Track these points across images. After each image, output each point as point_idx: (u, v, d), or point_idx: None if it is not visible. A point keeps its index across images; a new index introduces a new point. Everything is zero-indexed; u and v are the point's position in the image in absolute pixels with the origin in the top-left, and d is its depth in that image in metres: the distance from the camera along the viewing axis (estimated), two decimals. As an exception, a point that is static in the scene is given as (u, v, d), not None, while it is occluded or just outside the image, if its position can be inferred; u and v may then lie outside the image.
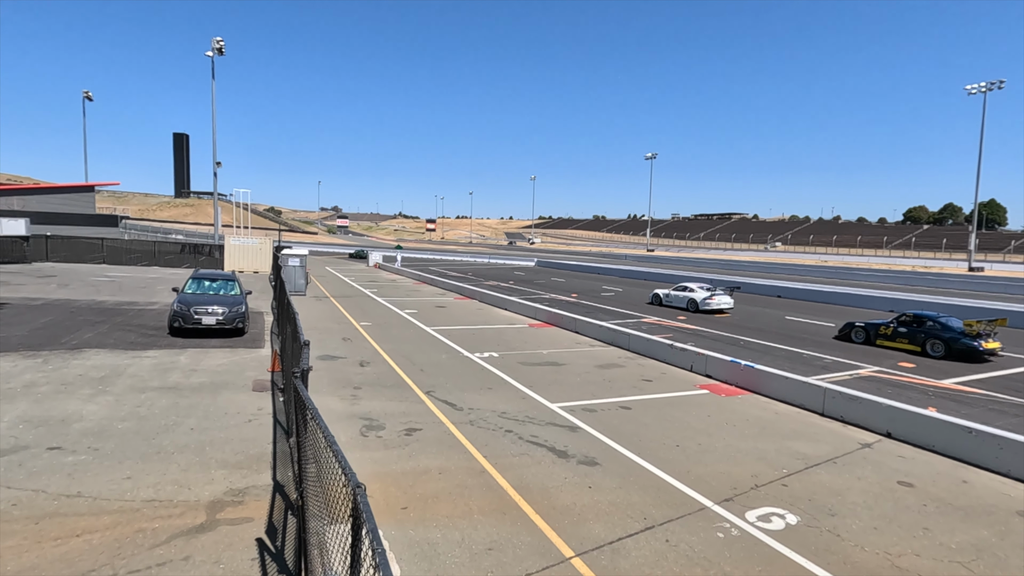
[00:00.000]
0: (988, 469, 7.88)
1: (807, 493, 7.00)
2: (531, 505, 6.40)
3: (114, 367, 11.49)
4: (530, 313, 22.52)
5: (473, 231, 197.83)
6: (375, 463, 7.40)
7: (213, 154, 47.79)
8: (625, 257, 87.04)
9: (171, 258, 39.90)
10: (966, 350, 16.19)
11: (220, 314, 15.08)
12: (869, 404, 9.60)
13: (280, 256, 27.56)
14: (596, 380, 12.47)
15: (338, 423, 8.90)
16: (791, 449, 8.54)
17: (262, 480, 6.70)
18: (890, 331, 18.04)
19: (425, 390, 11.12)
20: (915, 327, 17.48)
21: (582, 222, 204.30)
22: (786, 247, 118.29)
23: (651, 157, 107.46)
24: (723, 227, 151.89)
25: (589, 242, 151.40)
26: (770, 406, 10.85)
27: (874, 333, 18.51)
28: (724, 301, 25.33)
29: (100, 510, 5.75)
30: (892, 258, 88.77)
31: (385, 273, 45.70)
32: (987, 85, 59.10)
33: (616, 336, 16.84)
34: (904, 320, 17.88)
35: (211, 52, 43.69)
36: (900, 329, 17.80)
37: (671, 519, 6.21)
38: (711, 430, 9.31)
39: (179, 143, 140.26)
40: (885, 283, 47.00)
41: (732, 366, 12.39)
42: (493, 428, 9.01)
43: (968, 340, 16.30)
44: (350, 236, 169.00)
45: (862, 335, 18.89)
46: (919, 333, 17.27)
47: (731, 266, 66.45)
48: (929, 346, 16.91)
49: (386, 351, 14.79)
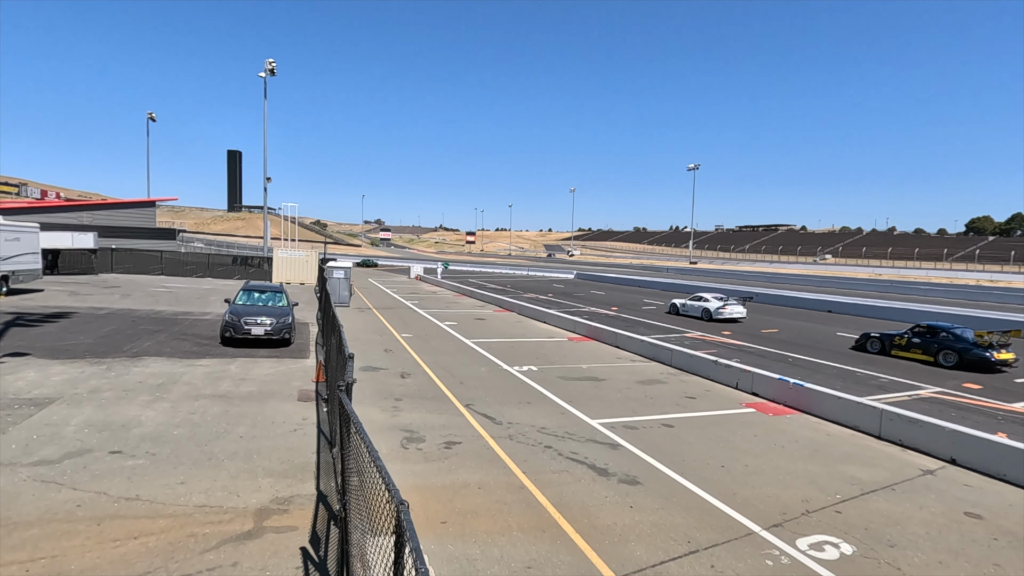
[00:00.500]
0: (1067, 502, 7.29)
1: (863, 521, 6.64)
2: (571, 523, 6.31)
3: (170, 375, 12.04)
4: (569, 326, 22.38)
5: (512, 243, 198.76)
6: (415, 476, 7.46)
7: (264, 170, 49.88)
8: (667, 270, 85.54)
9: (223, 270, 41.67)
10: (977, 360, 16.30)
11: (268, 325, 15.61)
12: (931, 427, 9.07)
13: (325, 268, 28.36)
14: (637, 396, 12.24)
15: (379, 434, 9.03)
16: (845, 473, 8.14)
17: (306, 489, 6.85)
18: (904, 341, 18.25)
19: (464, 403, 11.17)
20: (928, 338, 17.66)
21: (622, 234, 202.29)
22: (836, 260, 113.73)
23: (694, 168, 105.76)
24: (769, 239, 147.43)
25: (629, 254, 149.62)
26: (821, 427, 10.39)
27: (889, 344, 18.69)
28: (737, 311, 25.79)
29: (156, 513, 6.00)
30: (954, 271, 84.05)
31: (426, 285, 46.37)
32: (1058, 88, 55.56)
33: (658, 351, 16.52)
34: (918, 331, 18.08)
35: (264, 73, 45.79)
36: (914, 340, 18.00)
37: (716, 543, 5.99)
38: (758, 451, 8.98)
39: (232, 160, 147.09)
40: (947, 298, 44.50)
41: (780, 384, 11.95)
42: (532, 443, 8.95)
43: (980, 351, 16.43)
44: (392, 248, 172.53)
45: (877, 345, 19.08)
46: (932, 344, 17.47)
47: (777, 279, 64.31)
48: (941, 356, 17.11)
49: (426, 363, 14.96)
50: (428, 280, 50.59)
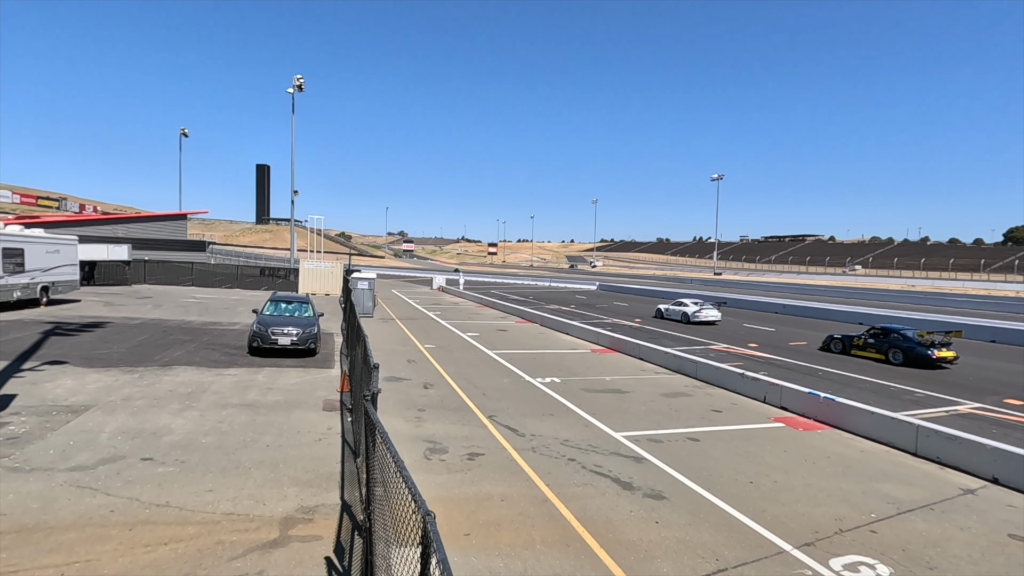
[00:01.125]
0: (1121, 525, 6.92)
1: (900, 542, 6.40)
2: (595, 538, 6.21)
3: (200, 383, 12.29)
4: (592, 338, 22.22)
5: (534, 254, 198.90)
6: (438, 487, 7.45)
7: (291, 184, 51.02)
8: (691, 281, 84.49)
9: (251, 281, 42.57)
10: (920, 357, 18.29)
11: (294, 335, 15.86)
12: (971, 445, 8.72)
13: (350, 279, 28.76)
14: (662, 409, 12.07)
15: (403, 444, 9.06)
16: (880, 492, 7.86)
17: (331, 499, 6.89)
18: (862, 342, 20.23)
19: (487, 414, 11.15)
20: (881, 338, 19.65)
21: (645, 245, 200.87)
22: (867, 270, 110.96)
23: (717, 178, 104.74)
24: (796, 249, 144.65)
25: (653, 265, 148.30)
26: (854, 443, 10.08)
27: (849, 344, 20.71)
28: (712, 314, 29.03)
29: (185, 520, 6.10)
30: (991, 282, 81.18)
31: (448, 296, 46.63)
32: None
33: (682, 363, 16.29)
34: (873, 332, 20.11)
35: (292, 89, 47.00)
36: (870, 340, 19.97)
37: (745, 562, 5.84)
38: (788, 467, 8.74)
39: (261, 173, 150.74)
40: (984, 310, 42.96)
41: (811, 398, 11.65)
42: (556, 456, 8.88)
43: (922, 349, 18.32)
44: (415, 260, 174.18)
45: (839, 346, 21.11)
46: (884, 343, 19.47)
47: (805, 291, 62.95)
48: (891, 354, 19.12)
49: (449, 374, 14.99)
50: (450, 291, 50.88)
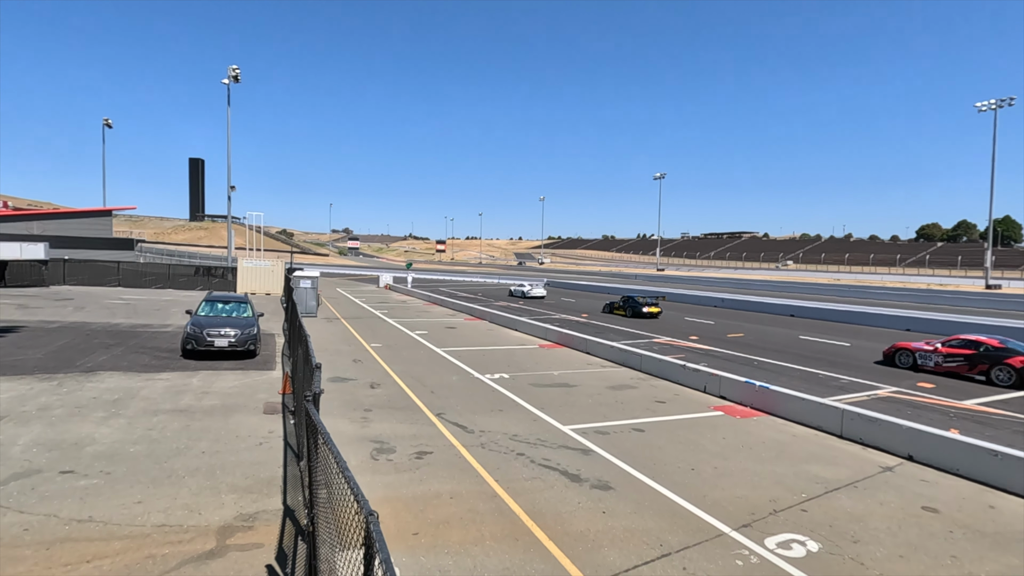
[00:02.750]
0: (1016, 494, 7.63)
1: (827, 519, 6.81)
2: (544, 531, 6.28)
3: (127, 390, 11.56)
4: (540, 334, 22.43)
5: (483, 252, 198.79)
6: (386, 487, 7.32)
7: (228, 179, 48.77)
8: (635, 276, 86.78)
9: (185, 280, 40.39)
10: (638, 311, 30.03)
11: (232, 336, 15.18)
12: (889, 426, 9.39)
13: (292, 278, 27.79)
14: (608, 402, 12.33)
15: (348, 446, 8.85)
16: (810, 473, 8.34)
17: (272, 504, 6.64)
18: (618, 305, 31.81)
19: (436, 412, 11.05)
20: (628, 301, 30.96)
21: (591, 242, 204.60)
22: (798, 265, 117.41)
23: (660, 177, 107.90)
24: (733, 246, 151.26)
25: (599, 262, 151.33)
26: (787, 428, 10.65)
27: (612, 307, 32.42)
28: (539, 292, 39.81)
29: (111, 535, 5.72)
30: (906, 276, 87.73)
31: (395, 294, 45.89)
32: (997, 102, 58.96)
33: (627, 357, 16.70)
34: (625, 298, 31.40)
35: (227, 80, 44.82)
36: (622, 303, 31.31)
37: (688, 546, 6.05)
38: (727, 453, 9.13)
39: (195, 168, 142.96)
40: (901, 301, 46.37)
41: (747, 387, 12.21)
42: (505, 451, 8.91)
43: (639, 306, 30.05)
44: (361, 257, 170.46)
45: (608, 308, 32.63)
46: (628, 304, 30.73)
47: (742, 285, 65.95)
48: (627, 311, 30.64)
49: (396, 372, 14.76)
50: (398, 289, 50.08)
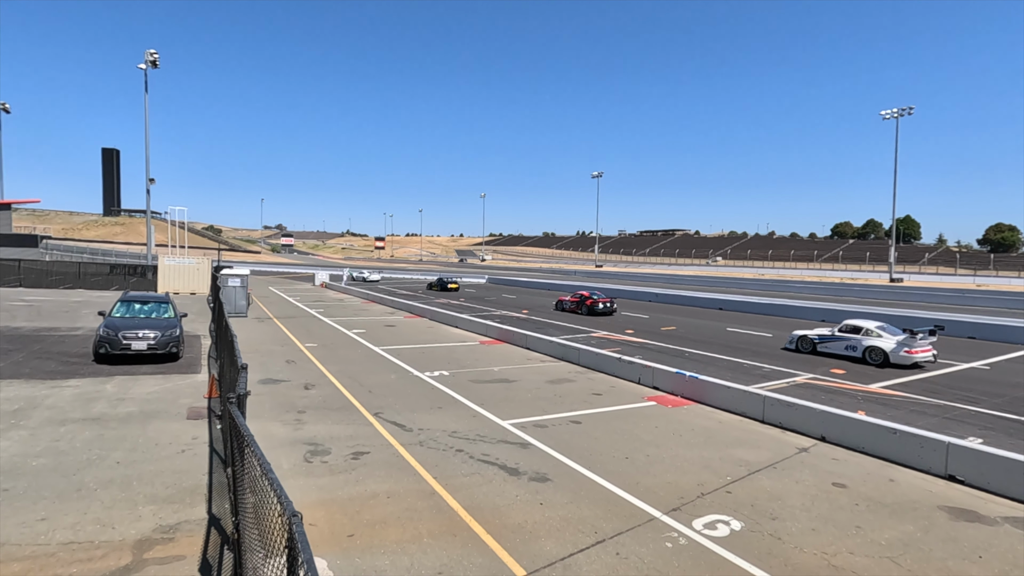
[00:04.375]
0: (911, 467, 8.39)
1: (750, 499, 7.23)
2: (482, 525, 6.31)
3: (29, 399, 10.61)
4: (481, 330, 22.45)
5: (423, 248, 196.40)
6: (320, 490, 7.12)
7: (146, 170, 45.51)
8: (575, 273, 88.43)
9: (99, 280, 37.48)
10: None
11: (152, 338, 14.24)
12: (805, 410, 10.07)
13: (219, 276, 26.39)
14: (547, 396, 12.52)
15: (280, 449, 8.53)
16: (734, 456, 8.82)
17: (196, 514, 6.30)
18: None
19: (373, 412, 10.84)
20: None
21: (532, 239, 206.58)
22: (726, 262, 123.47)
23: (597, 175, 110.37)
24: (667, 243, 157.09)
25: (539, 259, 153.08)
26: (714, 415, 11.20)
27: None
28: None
29: (8, 557, 5.24)
30: (822, 271, 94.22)
31: (332, 292, 44.56)
32: (899, 111, 64.31)
33: (567, 351, 17.01)
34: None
35: (144, 65, 41.84)
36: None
37: (621, 532, 6.26)
38: (659, 441, 9.50)
39: (109, 159, 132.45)
40: (817, 294, 49.75)
41: (677, 377, 12.74)
42: (443, 448, 8.86)
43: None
44: (295, 255, 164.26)
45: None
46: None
47: (675, 280, 68.67)
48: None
49: (332, 373, 14.35)
50: (334, 287, 48.67)
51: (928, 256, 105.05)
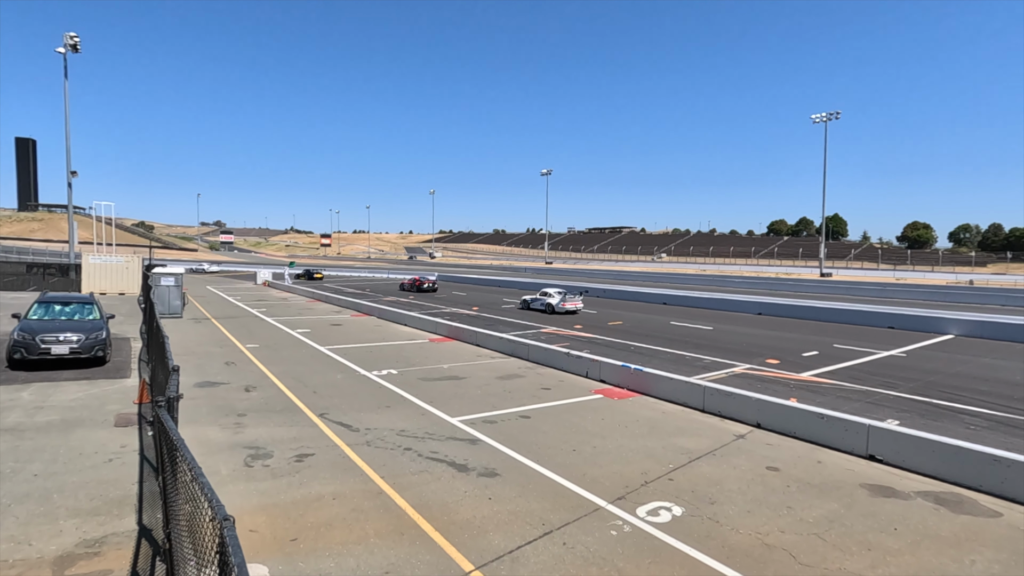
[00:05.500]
0: (837, 449, 8.94)
1: (690, 485, 7.52)
2: (430, 523, 6.27)
3: (-68, 410, 9.72)
4: (431, 328, 22.26)
5: (371, 246, 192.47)
6: (262, 494, 6.88)
7: (67, 162, 42.37)
8: (525, 270, 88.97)
9: (13, 280, 34.72)
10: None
11: (75, 342, 13.32)
12: (742, 399, 10.55)
13: (151, 275, 24.97)
14: (497, 392, 12.56)
15: (219, 455, 8.19)
16: (676, 445, 9.14)
17: (124, 526, 5.96)
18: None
19: (318, 413, 10.56)
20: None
21: (483, 236, 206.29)
22: (670, 258, 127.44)
23: (546, 173, 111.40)
24: (615, 240, 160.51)
25: (490, 256, 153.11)
26: (658, 406, 11.56)
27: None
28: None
29: (-93, 582, 4.80)
30: (759, 266, 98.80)
31: (275, 291, 43.03)
32: (827, 115, 68.20)
33: (516, 347, 17.12)
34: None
35: (63, 48, 38.93)
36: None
37: (568, 522, 6.38)
38: (605, 433, 9.72)
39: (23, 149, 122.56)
40: (754, 288, 52.14)
41: (623, 370, 13.07)
42: (391, 447, 8.75)
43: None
44: (236, 253, 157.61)
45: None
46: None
47: (622, 276, 70.31)
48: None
49: (275, 374, 13.88)
50: (278, 286, 47.01)
51: (854, 252, 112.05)
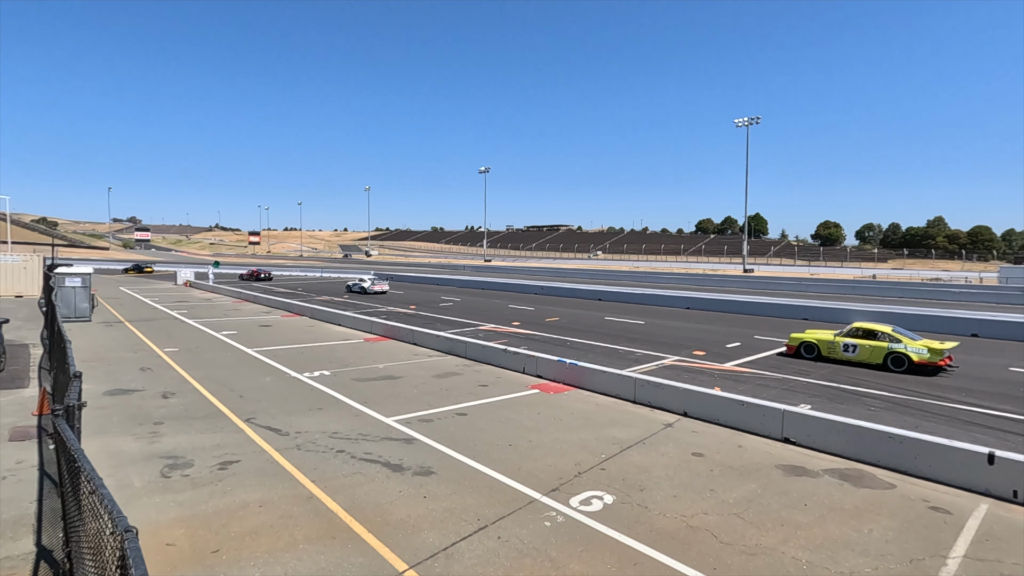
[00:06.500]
0: (756, 433, 9.52)
1: (621, 473, 7.78)
2: (363, 525, 6.15)
3: None
4: (366, 327, 21.74)
5: (304, 244, 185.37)
6: (180, 506, 6.49)
7: (-50, 151, 38.08)
8: (464, 267, 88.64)
9: None
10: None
11: (-39, 350, 12.02)
12: (670, 389, 11.02)
13: (54, 276, 22.90)
14: (433, 390, 12.46)
15: (132, 466, 7.65)
16: (609, 436, 9.42)
17: (20, 548, 5.45)
18: None
19: (245, 417, 10.08)
20: None
21: (421, 233, 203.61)
22: (606, 255, 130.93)
23: (484, 171, 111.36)
24: (552, 238, 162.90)
25: (428, 253, 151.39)
26: (592, 399, 11.86)
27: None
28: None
29: None
30: (688, 263, 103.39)
31: (197, 292, 40.60)
32: (749, 120, 72.19)
33: (453, 345, 17.04)
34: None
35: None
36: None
37: (503, 516, 6.43)
38: (541, 427, 9.87)
39: None
40: (683, 284, 54.48)
41: (559, 365, 13.31)
42: (323, 450, 8.49)
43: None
44: (153, 251, 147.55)
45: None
46: None
47: (559, 273, 71.49)
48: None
49: (197, 378, 13.11)
50: (200, 286, 44.38)
51: (773, 249, 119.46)
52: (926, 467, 7.71)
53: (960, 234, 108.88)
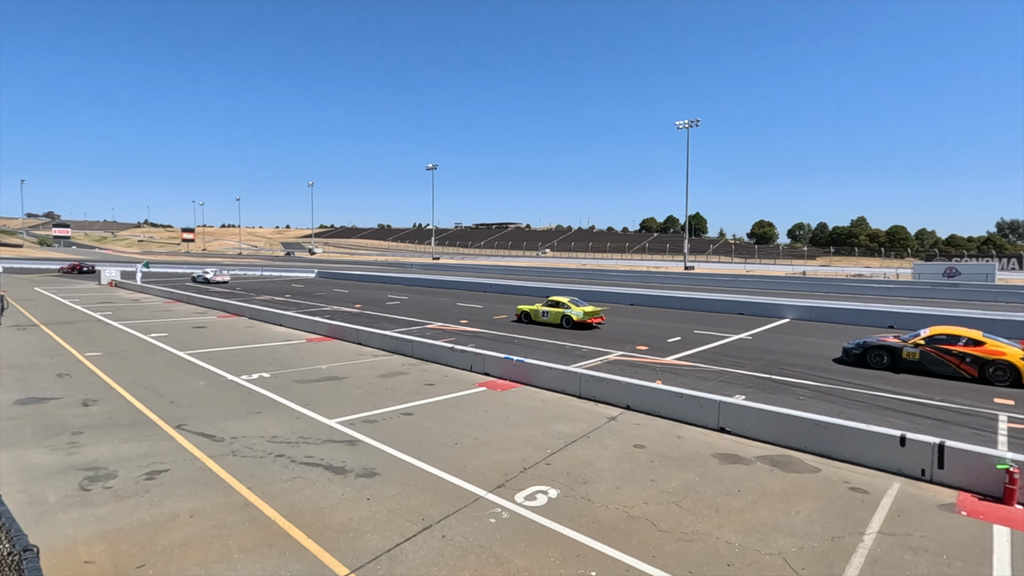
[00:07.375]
0: (694, 424, 9.89)
1: (566, 467, 7.90)
2: (303, 530, 5.97)
3: None
4: (308, 327, 21.09)
5: (243, 241, 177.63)
6: (102, 520, 6.09)
7: None
8: (411, 265, 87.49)
9: None
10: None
11: None
12: (613, 383, 11.28)
13: (-45, 275, 20.96)
14: (378, 390, 12.24)
15: (46, 480, 7.12)
16: (554, 431, 9.54)
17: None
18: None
19: (175, 424, 9.57)
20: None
21: (367, 231, 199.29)
22: (554, 253, 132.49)
23: (432, 168, 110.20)
24: (501, 236, 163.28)
25: (375, 251, 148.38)
26: (538, 395, 11.97)
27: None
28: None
29: None
30: (633, 260, 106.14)
31: (124, 292, 38.18)
32: (689, 122, 74.79)
33: (400, 344, 16.79)
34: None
35: None
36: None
37: (448, 515, 6.40)
38: (487, 424, 9.88)
39: None
40: (628, 281, 55.90)
41: (506, 362, 13.36)
42: (261, 455, 8.18)
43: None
44: (74, 249, 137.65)
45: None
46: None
47: (508, 271, 71.78)
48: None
49: (122, 384, 12.34)
50: (127, 286, 41.75)
51: (713, 247, 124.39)
52: (847, 451, 8.25)
53: (880, 233, 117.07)
